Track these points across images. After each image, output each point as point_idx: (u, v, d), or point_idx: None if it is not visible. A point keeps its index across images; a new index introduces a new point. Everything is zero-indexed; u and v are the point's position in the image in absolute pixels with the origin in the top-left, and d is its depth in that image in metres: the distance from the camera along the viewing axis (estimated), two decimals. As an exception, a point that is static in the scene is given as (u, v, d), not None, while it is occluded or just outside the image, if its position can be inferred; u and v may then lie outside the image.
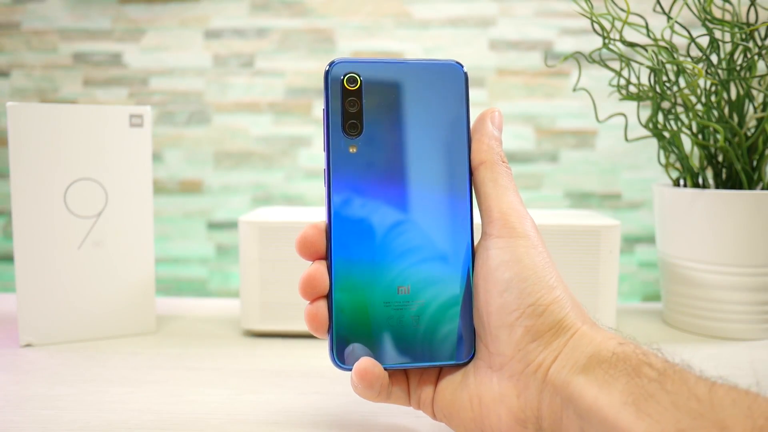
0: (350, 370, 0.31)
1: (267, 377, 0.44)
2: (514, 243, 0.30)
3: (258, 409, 0.38)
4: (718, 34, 0.53)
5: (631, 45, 0.52)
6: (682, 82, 0.58)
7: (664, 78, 0.52)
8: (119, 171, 0.51)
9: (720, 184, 0.55)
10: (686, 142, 0.58)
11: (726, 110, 0.53)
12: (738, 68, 0.51)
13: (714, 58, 0.54)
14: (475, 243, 0.33)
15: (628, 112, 0.59)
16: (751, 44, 0.50)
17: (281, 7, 0.74)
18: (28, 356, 0.47)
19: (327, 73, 0.32)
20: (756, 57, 0.50)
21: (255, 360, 0.48)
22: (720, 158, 0.55)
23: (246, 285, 0.52)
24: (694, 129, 0.55)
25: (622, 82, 0.57)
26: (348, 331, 0.31)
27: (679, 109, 0.61)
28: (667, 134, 0.56)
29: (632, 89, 0.57)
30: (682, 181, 0.58)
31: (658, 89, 0.52)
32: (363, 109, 0.32)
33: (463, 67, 0.33)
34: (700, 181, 0.56)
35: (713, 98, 0.53)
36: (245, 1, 0.74)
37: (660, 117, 0.56)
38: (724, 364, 0.47)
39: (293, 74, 0.74)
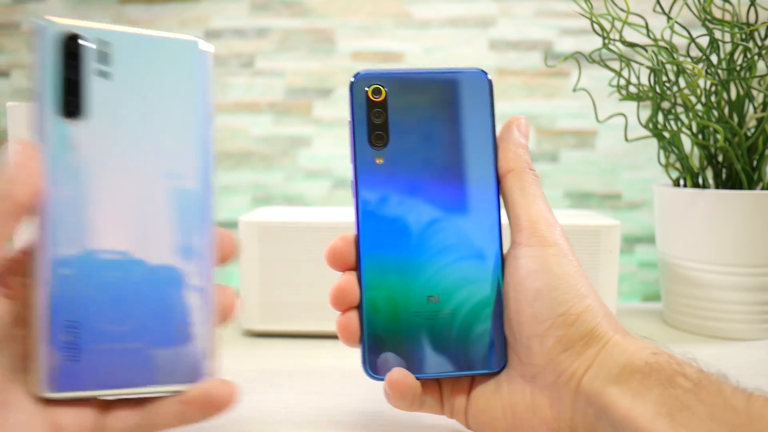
0: (383, 380, 0.31)
1: (267, 377, 0.44)
2: (544, 252, 0.30)
3: (258, 409, 0.38)
4: (718, 34, 0.53)
5: (631, 45, 0.52)
6: (682, 82, 0.58)
7: (664, 78, 0.52)
8: (119, 171, 0.51)
9: (720, 184, 0.55)
10: (686, 142, 0.58)
11: (726, 110, 0.53)
12: (738, 68, 0.51)
13: (714, 58, 0.54)
14: (504, 251, 0.33)
15: (628, 112, 0.59)
16: (751, 44, 0.50)
17: (281, 7, 0.74)
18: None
19: (352, 85, 0.32)
20: (756, 57, 0.50)
21: (255, 360, 0.48)
22: (720, 158, 0.55)
23: (246, 285, 0.52)
24: (694, 129, 0.55)
25: (622, 82, 0.57)
26: (379, 342, 0.31)
27: (679, 109, 0.61)
28: (667, 134, 0.56)
29: (632, 89, 0.57)
30: (682, 181, 0.58)
31: (658, 89, 0.52)
32: (389, 120, 0.32)
33: (487, 74, 0.33)
34: (700, 181, 0.56)
35: (713, 98, 0.53)
36: (245, 1, 0.74)
37: (660, 117, 0.56)
38: (725, 364, 0.47)
39: (293, 74, 0.74)
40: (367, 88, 0.32)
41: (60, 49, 0.28)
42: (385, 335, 0.31)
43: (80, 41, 0.28)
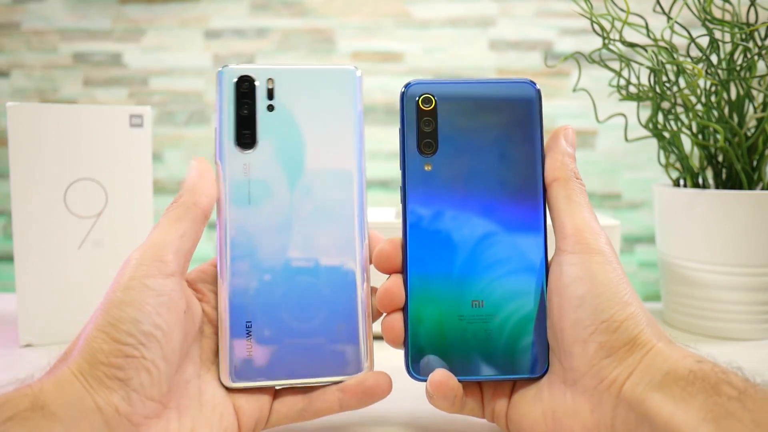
0: (425, 381, 0.31)
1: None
2: (588, 259, 0.30)
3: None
4: (718, 34, 0.53)
5: (631, 45, 0.52)
6: (682, 83, 0.58)
7: (664, 78, 0.52)
8: (119, 171, 0.51)
9: (720, 184, 0.55)
10: (686, 142, 0.58)
11: (726, 110, 0.53)
12: (738, 68, 0.51)
13: (714, 58, 0.54)
14: (549, 258, 0.33)
15: (628, 112, 0.59)
16: (751, 44, 0.50)
17: (281, 7, 0.74)
18: (28, 356, 0.47)
19: (403, 94, 0.33)
20: (756, 57, 0.50)
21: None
22: (720, 158, 0.55)
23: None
24: (694, 129, 0.55)
25: (622, 82, 0.57)
26: (423, 343, 0.32)
27: (679, 110, 0.61)
28: (667, 134, 0.56)
29: (632, 89, 0.57)
30: (682, 181, 0.58)
31: (658, 89, 0.52)
32: (438, 129, 0.33)
33: (535, 85, 0.34)
34: (700, 181, 0.56)
35: (713, 98, 0.53)
36: (245, 1, 0.74)
37: (660, 117, 0.56)
38: (724, 364, 0.47)
39: (293, 74, 0.74)
40: (417, 98, 0.33)
41: (235, 90, 0.32)
42: (429, 337, 0.32)
43: (251, 82, 0.33)
